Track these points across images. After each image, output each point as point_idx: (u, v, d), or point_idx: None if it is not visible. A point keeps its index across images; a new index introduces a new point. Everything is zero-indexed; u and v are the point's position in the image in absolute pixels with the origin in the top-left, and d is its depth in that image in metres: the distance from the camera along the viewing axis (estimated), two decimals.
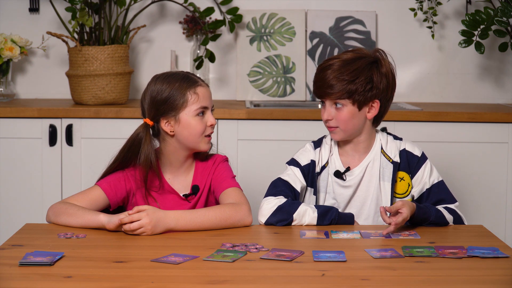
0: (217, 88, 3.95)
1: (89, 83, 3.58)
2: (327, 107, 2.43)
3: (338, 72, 2.39)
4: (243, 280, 1.83)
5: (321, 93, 2.43)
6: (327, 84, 2.40)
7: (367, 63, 2.41)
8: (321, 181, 2.47)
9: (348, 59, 2.42)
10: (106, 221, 2.22)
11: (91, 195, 2.38)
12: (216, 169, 2.47)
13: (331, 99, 2.41)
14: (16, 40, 3.68)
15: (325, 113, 2.44)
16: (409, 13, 3.87)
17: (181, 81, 2.39)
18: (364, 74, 2.40)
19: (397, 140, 2.50)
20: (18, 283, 1.81)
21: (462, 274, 1.89)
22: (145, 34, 3.92)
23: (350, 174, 2.47)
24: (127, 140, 2.42)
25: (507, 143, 3.49)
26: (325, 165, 2.48)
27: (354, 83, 2.38)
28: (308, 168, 2.49)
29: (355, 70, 2.39)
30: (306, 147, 2.54)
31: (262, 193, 3.20)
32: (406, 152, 2.48)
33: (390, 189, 2.44)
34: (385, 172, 2.45)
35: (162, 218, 2.21)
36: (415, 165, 2.47)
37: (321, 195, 2.47)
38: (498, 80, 3.96)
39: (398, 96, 3.88)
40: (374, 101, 2.42)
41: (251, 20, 3.89)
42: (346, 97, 2.39)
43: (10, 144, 3.47)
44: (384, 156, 2.46)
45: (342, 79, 2.38)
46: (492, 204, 3.52)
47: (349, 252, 2.04)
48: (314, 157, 2.49)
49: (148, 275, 1.85)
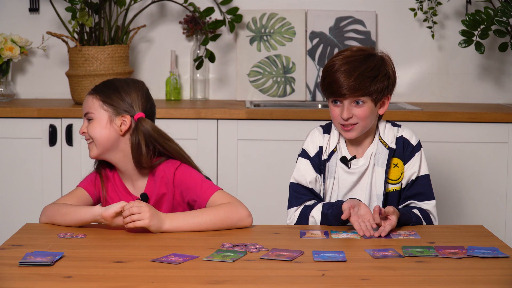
0: (217, 88, 3.95)
1: (89, 83, 3.58)
2: (347, 106, 2.41)
3: (357, 70, 2.39)
4: (243, 280, 1.83)
5: (341, 93, 2.40)
6: (348, 84, 2.39)
7: (379, 60, 2.44)
8: (330, 166, 2.49)
9: (361, 56, 2.43)
10: (103, 209, 2.20)
11: (76, 194, 2.39)
12: (177, 179, 2.36)
13: (353, 97, 2.41)
14: (16, 40, 3.68)
15: (345, 112, 2.41)
16: (409, 13, 3.87)
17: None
18: (382, 71, 2.43)
19: (395, 127, 2.52)
20: (18, 283, 1.81)
21: (462, 274, 1.89)
22: (145, 34, 3.92)
23: (355, 163, 2.48)
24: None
25: (507, 143, 3.49)
26: (334, 150, 2.50)
27: (374, 81, 2.40)
28: (318, 157, 2.50)
29: (374, 67, 2.41)
30: (314, 133, 2.53)
31: (262, 193, 3.19)
32: (402, 139, 2.50)
33: (384, 174, 2.45)
34: (380, 157, 2.47)
35: (158, 213, 2.21)
36: (409, 153, 2.49)
37: (328, 181, 2.48)
38: (498, 80, 3.96)
39: (398, 96, 3.89)
40: (387, 97, 2.46)
41: (251, 20, 3.89)
42: (368, 94, 2.41)
43: (10, 144, 3.47)
44: (381, 142, 2.48)
45: (365, 77, 2.39)
46: (492, 204, 3.52)
47: (349, 252, 2.04)
48: (322, 142, 2.51)
49: (148, 275, 1.85)
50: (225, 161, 3.47)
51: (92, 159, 2.40)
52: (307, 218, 2.44)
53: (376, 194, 2.46)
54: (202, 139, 3.47)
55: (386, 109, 2.49)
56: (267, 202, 3.45)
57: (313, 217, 2.43)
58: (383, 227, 2.24)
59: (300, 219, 2.46)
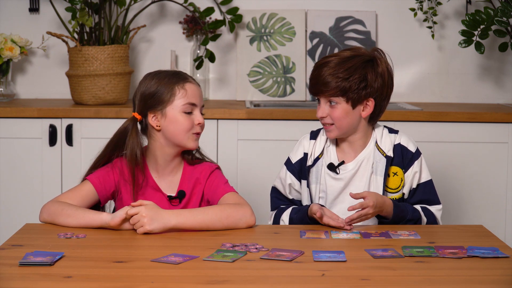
0: (217, 88, 3.95)
1: (89, 83, 3.58)
2: (322, 105, 2.45)
3: (333, 69, 2.40)
4: (243, 280, 1.83)
5: (315, 90, 2.45)
6: (321, 81, 2.41)
7: (363, 61, 2.41)
8: (314, 172, 2.48)
9: (344, 57, 2.43)
10: (110, 218, 2.22)
11: (82, 191, 2.37)
12: (208, 180, 2.43)
13: (325, 96, 2.42)
14: (16, 40, 3.68)
15: (320, 111, 2.45)
16: (409, 13, 3.87)
17: (170, 76, 2.39)
18: (358, 72, 2.40)
19: (393, 133, 2.50)
20: (18, 283, 1.81)
21: (462, 274, 1.90)
22: (145, 34, 3.92)
23: (343, 169, 2.47)
24: (114, 134, 2.41)
25: (507, 143, 3.49)
26: (319, 156, 2.49)
27: (348, 81, 2.39)
28: (300, 164, 2.52)
29: (350, 68, 2.40)
30: (301, 140, 2.55)
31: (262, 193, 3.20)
32: (400, 146, 2.47)
33: (382, 183, 2.44)
34: (378, 166, 2.45)
35: (160, 213, 2.21)
36: (409, 161, 2.47)
37: (313, 187, 2.48)
38: (498, 80, 3.96)
39: (398, 96, 3.89)
40: (369, 100, 2.42)
41: (251, 20, 3.89)
42: (340, 94, 2.40)
43: (10, 144, 3.47)
44: (378, 150, 2.46)
45: (337, 77, 2.39)
46: (492, 204, 3.51)
47: (349, 252, 2.04)
48: (308, 149, 2.52)
49: (148, 275, 1.85)
50: (225, 161, 3.47)
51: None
52: (279, 220, 2.50)
53: None
54: (202, 139, 3.45)
55: (370, 113, 2.44)
56: (267, 202, 3.44)
57: (283, 221, 2.49)
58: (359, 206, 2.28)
59: (274, 222, 2.52)
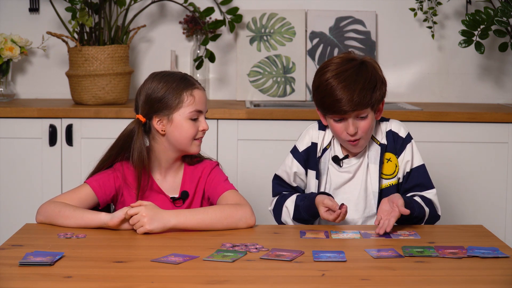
0: (217, 88, 3.95)
1: (89, 83, 3.58)
2: (352, 121, 2.35)
3: (357, 84, 2.32)
4: (243, 280, 1.83)
5: (345, 110, 2.33)
6: (351, 101, 2.31)
7: (370, 66, 2.38)
8: (322, 163, 2.48)
9: (352, 67, 2.35)
10: (109, 218, 2.21)
11: (80, 194, 2.36)
12: (209, 177, 2.43)
13: (358, 113, 2.35)
14: (16, 40, 3.68)
15: (351, 128, 2.35)
16: (409, 13, 3.87)
17: (179, 81, 2.36)
18: (378, 79, 2.37)
19: (384, 121, 2.50)
20: (18, 283, 1.81)
21: (462, 274, 1.90)
22: (145, 34, 3.92)
23: (347, 162, 2.47)
24: (119, 136, 2.39)
25: (507, 143, 3.49)
26: (327, 147, 2.49)
27: (375, 90, 2.36)
28: (307, 152, 2.50)
29: (371, 77, 2.35)
30: (308, 130, 2.52)
31: (262, 193, 3.20)
32: (392, 133, 2.48)
33: (378, 170, 2.44)
34: (372, 154, 2.46)
35: (159, 213, 2.21)
36: (400, 146, 2.47)
37: (322, 178, 2.48)
38: (498, 80, 3.96)
39: (398, 96, 3.89)
40: (383, 101, 2.44)
41: (251, 20, 3.89)
42: (370, 106, 2.37)
43: (10, 144, 3.47)
44: (372, 139, 2.47)
45: (366, 90, 2.32)
46: (492, 204, 3.51)
47: (349, 252, 2.04)
48: (317, 138, 2.49)
49: (148, 275, 1.85)
50: (225, 161, 3.46)
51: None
52: (282, 207, 2.48)
53: (372, 191, 2.46)
54: (202, 139, 3.46)
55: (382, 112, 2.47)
56: (267, 202, 3.44)
57: (287, 207, 2.47)
58: (387, 220, 2.23)
59: (276, 207, 2.50)
